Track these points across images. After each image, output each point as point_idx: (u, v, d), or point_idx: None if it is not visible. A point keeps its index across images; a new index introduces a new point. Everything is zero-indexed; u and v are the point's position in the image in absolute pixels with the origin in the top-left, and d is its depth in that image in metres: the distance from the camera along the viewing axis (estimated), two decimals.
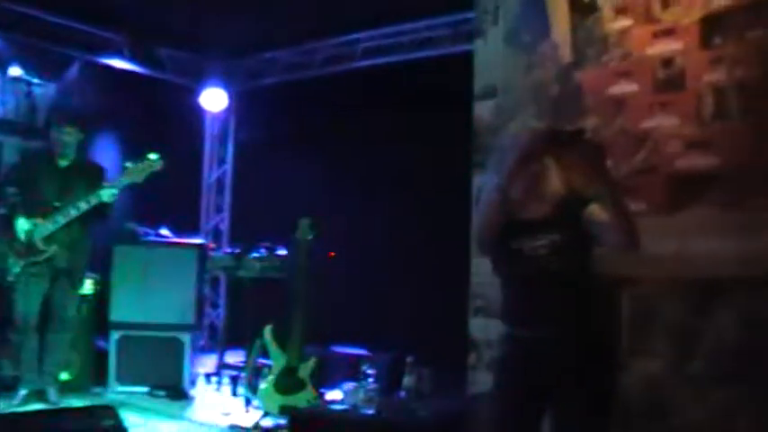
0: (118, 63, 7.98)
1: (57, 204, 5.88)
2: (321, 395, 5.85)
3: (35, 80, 7.47)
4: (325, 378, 6.35)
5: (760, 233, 3.73)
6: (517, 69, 4.64)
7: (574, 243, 3.14)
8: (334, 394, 5.62)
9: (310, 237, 6.05)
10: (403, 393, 4.60)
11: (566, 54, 4.47)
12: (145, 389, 6.84)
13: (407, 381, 4.56)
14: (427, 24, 7.21)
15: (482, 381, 4.45)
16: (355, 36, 7.67)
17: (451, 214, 5.34)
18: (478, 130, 4.77)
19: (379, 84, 7.48)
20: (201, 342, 8.50)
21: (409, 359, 4.55)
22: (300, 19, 7.26)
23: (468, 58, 5.17)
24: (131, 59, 8.03)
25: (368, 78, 7.62)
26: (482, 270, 4.24)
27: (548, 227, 3.14)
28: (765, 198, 3.75)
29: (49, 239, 5.87)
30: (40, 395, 5.96)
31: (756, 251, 3.73)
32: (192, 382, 6.99)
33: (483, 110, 4.76)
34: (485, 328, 4.53)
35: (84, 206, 5.88)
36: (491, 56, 4.79)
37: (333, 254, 6.71)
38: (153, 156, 5.95)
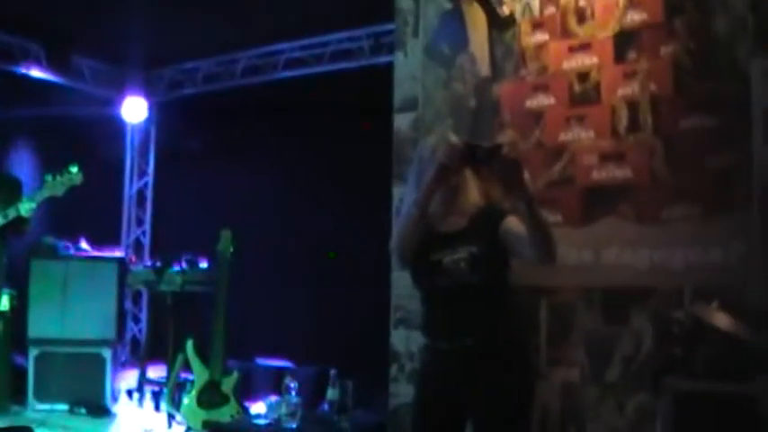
0: (35, 72, 7.82)
1: None
2: (245, 409, 5.81)
3: None
4: (248, 392, 6.32)
5: (673, 244, 3.82)
6: (436, 82, 4.66)
7: (492, 255, 3.18)
8: (257, 408, 5.59)
9: (231, 249, 6.01)
10: (326, 406, 4.59)
11: (484, 68, 4.51)
12: (65, 406, 6.74)
13: (330, 393, 4.54)
14: (349, 35, 7.24)
15: (403, 392, 4.45)
16: (277, 47, 7.66)
17: (372, 226, 5.36)
18: (398, 143, 4.78)
19: (300, 95, 7.48)
20: (123, 357, 8.38)
21: (332, 372, 4.54)
22: (222, 29, 7.21)
23: (390, 69, 5.21)
24: (48, 69, 7.87)
25: (289, 89, 7.61)
26: (402, 282, 4.25)
27: (466, 239, 3.18)
28: (677, 210, 3.84)
29: None
30: None
31: (669, 262, 3.82)
32: (114, 399, 6.91)
33: (402, 122, 4.77)
34: (406, 340, 4.54)
35: (0, 220, 5.74)
36: (411, 68, 4.80)
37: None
38: (73, 168, 5.82)
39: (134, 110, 8.53)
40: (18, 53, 7.73)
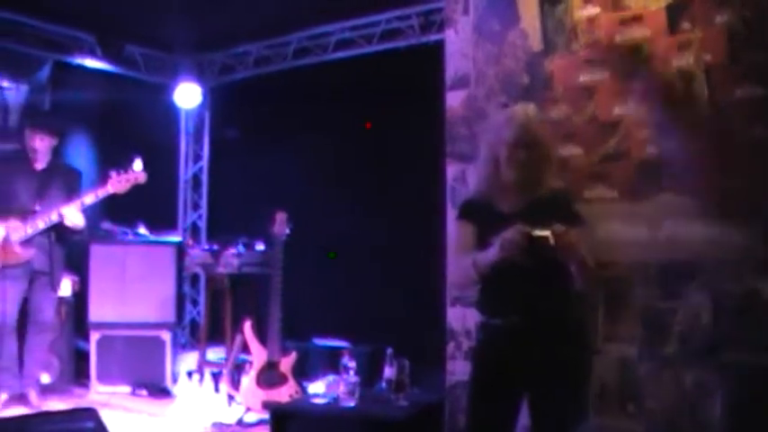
0: (90, 62, 7.94)
1: (35, 208, 5.83)
2: (303, 389, 5.87)
3: (5, 83, 7.41)
4: (306, 371, 6.38)
5: (728, 217, 3.78)
6: (487, 59, 4.65)
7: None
8: (315, 387, 5.64)
9: (286, 231, 6.06)
10: (383, 384, 4.62)
11: (535, 43, 4.49)
12: (127, 389, 6.85)
13: (388, 372, 4.57)
14: (399, 14, 7.22)
15: (460, 370, 4.48)
16: (327, 28, 7.67)
17: (426, 205, 5.37)
18: (451, 121, 4.78)
19: (351, 75, 7.49)
20: (182, 339, 8.50)
21: (389, 350, 4.57)
22: (271, 11, 7.23)
23: (439, 48, 5.21)
24: (103, 58, 7.98)
25: (340, 70, 7.62)
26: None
27: (527, 219, 3.13)
28: (731, 182, 3.80)
29: (26, 242, 5.84)
30: (21, 399, 5.95)
31: (725, 235, 3.78)
32: (174, 380, 7.00)
33: (454, 100, 4.77)
34: (462, 318, 4.56)
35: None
36: (462, 46, 4.79)
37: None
38: (138, 166, 5.89)
39: (187, 95, 8.59)
40: (72, 44, 7.85)
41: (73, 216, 5.81)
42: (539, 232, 2.94)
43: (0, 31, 7.24)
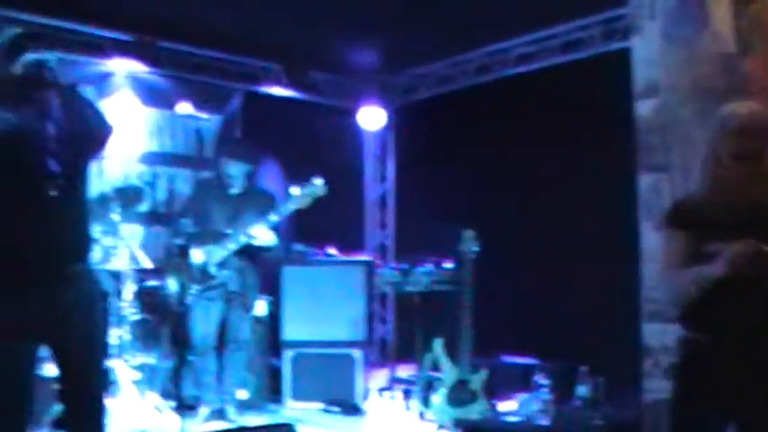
0: (277, 90, 8.26)
1: (228, 232, 6.09)
2: (493, 406, 5.81)
3: (203, 115, 7.80)
4: (495, 389, 6.31)
5: None
6: (678, 65, 4.48)
7: None
8: (507, 405, 5.58)
9: (474, 248, 6.03)
10: (576, 403, 4.51)
11: (729, 44, 4.29)
12: (319, 405, 6.99)
13: (581, 390, 4.47)
14: (579, 25, 7.09)
15: (658, 388, 4.30)
16: (507, 44, 7.62)
17: (617, 218, 5.22)
18: (642, 130, 4.62)
19: (532, 89, 7.40)
20: (372, 357, 8.61)
21: (582, 368, 4.46)
22: (451, 30, 7.26)
23: (621, 56, 5.07)
24: (289, 86, 8.28)
25: (521, 85, 7.55)
26: (654, 275, 4.11)
27: (744, 232, 2.92)
28: None
29: (221, 265, 6.09)
30: (219, 414, 6.19)
31: None
32: (365, 397, 7.08)
33: (644, 109, 4.62)
34: (661, 334, 4.37)
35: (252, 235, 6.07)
36: (649, 52, 4.64)
37: None
38: (317, 181, 6.05)
39: (371, 118, 8.75)
40: (261, 75, 8.22)
41: (263, 234, 6.03)
42: None
43: (196, 66, 7.71)
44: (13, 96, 3.30)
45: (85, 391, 3.47)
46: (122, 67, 7.40)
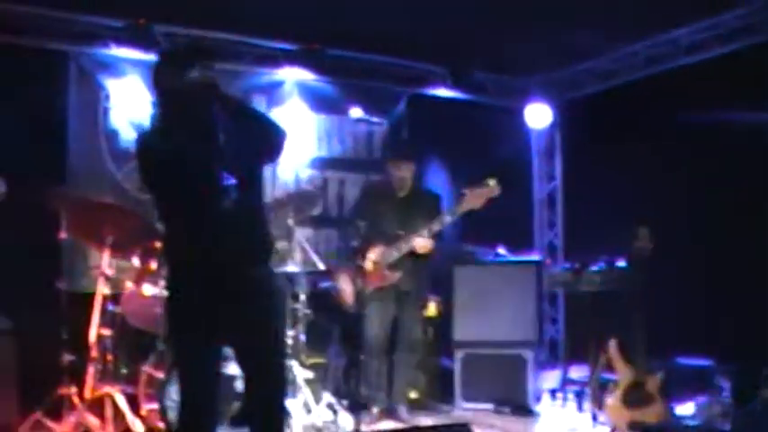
0: (442, 92, 8.31)
1: (399, 233, 6.18)
2: (671, 409, 5.64)
3: (374, 119, 7.95)
4: (671, 391, 6.11)
5: None
6: None
7: None
8: (684, 408, 5.40)
9: (650, 246, 5.86)
10: (757, 406, 4.31)
11: None
12: (490, 406, 6.97)
13: (765, 393, 4.26)
14: (748, 11, 6.76)
15: None
16: (675, 33, 7.36)
17: None
18: None
19: (703, 78, 7.12)
20: (542, 358, 8.52)
21: (766, 370, 4.26)
22: (613, 22, 7.08)
23: None
24: (454, 87, 8.32)
25: (688, 75, 7.28)
26: None
27: None
28: None
29: (393, 266, 6.18)
30: (390, 413, 6.28)
31: None
32: (537, 399, 7.02)
33: None
34: None
35: (426, 234, 6.12)
36: None
37: None
38: (491, 181, 6.02)
39: (537, 116, 8.66)
40: (426, 77, 8.31)
41: (422, 244, 6.06)
42: None
43: (362, 71, 7.89)
44: (182, 110, 3.44)
45: (267, 389, 3.61)
46: (291, 76, 7.66)
